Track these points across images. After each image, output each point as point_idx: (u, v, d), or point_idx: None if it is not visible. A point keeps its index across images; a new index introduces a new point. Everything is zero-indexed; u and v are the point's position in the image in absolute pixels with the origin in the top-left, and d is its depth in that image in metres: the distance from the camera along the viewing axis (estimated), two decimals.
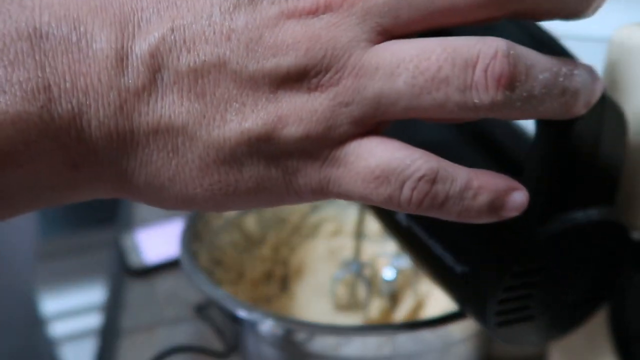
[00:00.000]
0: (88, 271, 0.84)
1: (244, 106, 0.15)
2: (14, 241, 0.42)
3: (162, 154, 0.16)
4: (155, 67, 0.15)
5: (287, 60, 0.15)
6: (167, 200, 0.17)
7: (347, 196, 0.16)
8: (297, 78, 0.15)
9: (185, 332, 0.44)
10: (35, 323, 0.47)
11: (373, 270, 0.41)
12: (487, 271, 0.21)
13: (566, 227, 0.20)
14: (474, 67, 0.15)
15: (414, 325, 0.27)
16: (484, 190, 0.16)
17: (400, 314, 0.40)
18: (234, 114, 0.15)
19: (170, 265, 0.53)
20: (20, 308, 0.43)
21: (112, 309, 0.47)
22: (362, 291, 0.41)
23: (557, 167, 0.20)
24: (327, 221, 0.47)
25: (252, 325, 0.31)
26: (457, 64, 0.15)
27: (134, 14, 0.15)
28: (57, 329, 0.87)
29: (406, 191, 0.15)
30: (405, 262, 0.41)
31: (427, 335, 0.27)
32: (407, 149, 0.16)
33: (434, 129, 0.27)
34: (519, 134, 0.25)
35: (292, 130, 0.15)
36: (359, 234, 0.38)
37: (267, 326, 0.29)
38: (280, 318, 0.28)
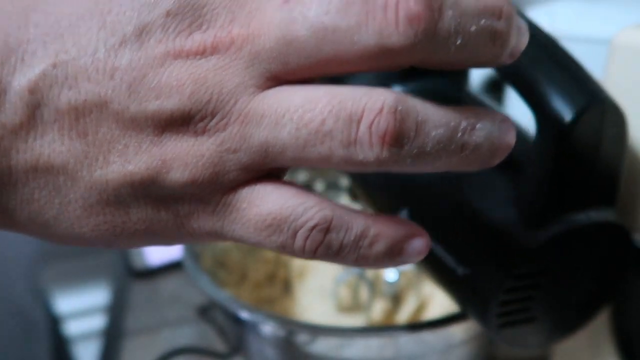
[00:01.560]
0: (92, 273, 0.85)
1: (127, 148, 0.15)
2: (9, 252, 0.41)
3: (44, 193, 0.15)
4: (35, 104, 0.15)
5: (170, 104, 0.15)
6: (55, 237, 0.17)
7: (242, 241, 0.16)
8: (182, 122, 0.15)
9: (188, 334, 0.44)
10: (33, 328, 0.47)
11: (375, 272, 0.41)
12: (488, 273, 0.21)
13: (567, 229, 0.20)
14: (359, 123, 0.14)
15: (416, 326, 0.27)
16: (381, 238, 0.15)
17: (403, 315, 0.40)
18: (116, 155, 0.15)
19: (173, 267, 0.53)
20: (15, 315, 0.43)
21: (116, 311, 0.48)
22: (364, 293, 0.41)
23: (557, 169, 0.20)
24: None
25: (255, 326, 0.31)
26: (342, 117, 0.14)
27: (20, 46, 0.15)
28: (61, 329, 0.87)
29: (299, 240, 0.15)
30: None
31: (429, 336, 0.27)
32: (302, 196, 0.15)
33: None
34: (520, 134, 0.25)
35: (177, 175, 0.15)
36: None
37: (269, 328, 0.29)
38: (282, 319, 0.28)
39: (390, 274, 0.40)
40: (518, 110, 0.30)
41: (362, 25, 0.14)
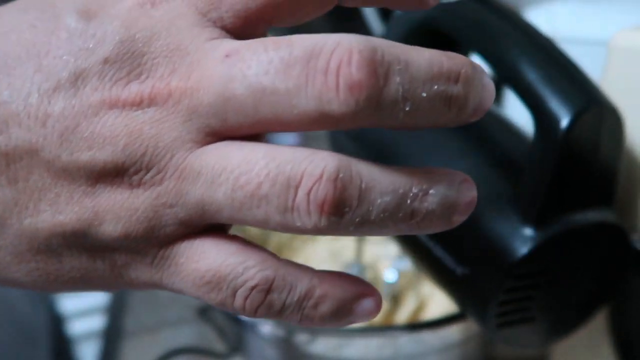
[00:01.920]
0: None
1: (59, 197, 0.15)
2: None
3: None
4: None
5: (103, 155, 0.14)
6: None
7: (183, 293, 0.16)
8: (116, 174, 0.14)
9: (188, 334, 0.44)
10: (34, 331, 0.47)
11: (375, 272, 0.41)
12: (487, 273, 0.21)
13: (565, 229, 0.21)
14: (296, 189, 0.13)
15: (415, 326, 0.27)
16: (327, 299, 0.15)
17: (402, 316, 0.40)
18: (47, 204, 0.15)
19: None
20: (14, 318, 0.43)
21: (116, 311, 0.48)
22: None
23: (556, 170, 0.20)
24: None
25: (254, 326, 0.31)
26: (279, 182, 0.13)
27: None
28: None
29: (238, 299, 0.15)
30: (407, 264, 0.41)
31: (428, 336, 0.28)
32: (243, 253, 0.15)
33: (433, 133, 0.27)
34: (519, 136, 0.26)
35: (110, 228, 0.15)
36: (360, 238, 0.39)
37: (268, 327, 0.29)
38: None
39: (389, 275, 0.41)
40: (517, 111, 0.30)
41: (301, 89, 0.13)
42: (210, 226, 0.15)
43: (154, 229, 0.15)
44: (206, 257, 0.15)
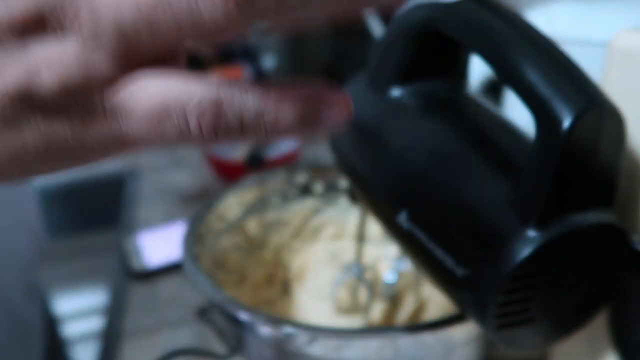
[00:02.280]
0: (90, 275, 0.85)
1: None
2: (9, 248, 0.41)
3: None
4: None
5: (19, 4, 0.15)
6: None
7: (145, 143, 0.16)
8: (38, 24, 0.15)
9: (187, 335, 0.44)
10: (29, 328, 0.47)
11: (374, 273, 0.41)
12: (487, 274, 0.21)
13: (565, 230, 0.21)
14: None
15: (416, 328, 0.27)
16: (286, 105, 0.15)
17: (402, 317, 0.40)
18: None
19: (171, 269, 0.53)
20: (9, 317, 0.43)
21: (115, 312, 0.48)
22: (363, 294, 0.41)
23: (556, 171, 0.20)
24: (328, 224, 0.48)
25: (254, 328, 0.31)
26: None
27: None
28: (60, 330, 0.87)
29: (193, 125, 0.15)
30: (407, 265, 0.41)
31: (428, 338, 0.27)
32: (184, 82, 0.15)
33: (433, 134, 0.27)
34: (519, 136, 0.26)
35: (48, 79, 0.15)
36: (361, 237, 0.39)
37: (268, 329, 0.29)
38: (282, 321, 0.28)
39: (389, 276, 0.40)
40: (517, 112, 0.30)
41: None
42: (146, 60, 0.16)
43: (89, 72, 0.15)
44: (148, 91, 0.15)
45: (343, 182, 0.47)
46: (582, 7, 0.44)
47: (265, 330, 0.30)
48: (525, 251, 0.21)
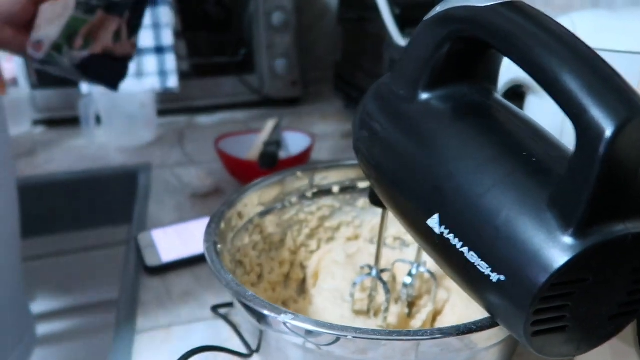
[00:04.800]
0: (103, 267, 0.84)
1: None
2: None
3: None
4: None
5: None
6: None
7: None
8: None
9: (201, 332, 0.44)
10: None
11: (392, 275, 0.41)
12: (524, 281, 0.21)
13: (605, 239, 0.21)
14: None
15: (442, 331, 0.27)
16: None
17: (418, 320, 0.40)
18: None
19: (184, 264, 0.53)
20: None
21: (128, 307, 0.47)
22: (380, 297, 0.41)
23: (597, 181, 0.20)
24: (345, 225, 0.48)
25: (278, 326, 0.31)
26: None
27: None
28: (73, 324, 0.87)
29: None
30: (424, 268, 0.41)
31: (453, 342, 0.27)
32: None
33: (466, 139, 0.27)
34: (554, 143, 0.26)
35: None
36: (380, 240, 0.39)
37: (293, 327, 0.29)
38: (308, 320, 0.28)
39: (406, 279, 0.40)
40: (540, 119, 0.30)
41: None
42: None
43: None
44: None
45: (361, 184, 0.47)
46: (604, 16, 0.44)
47: (289, 328, 0.29)
48: (563, 259, 0.21)
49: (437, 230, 0.25)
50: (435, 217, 0.25)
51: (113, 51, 0.56)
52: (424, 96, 0.29)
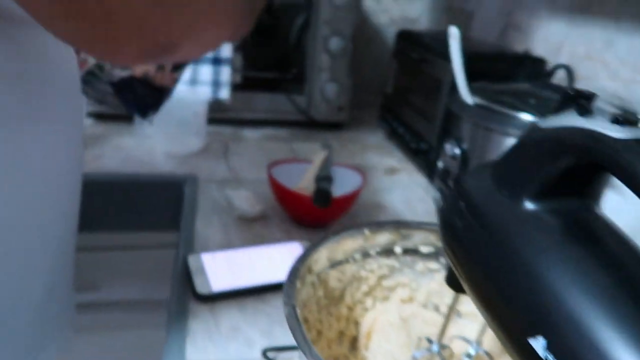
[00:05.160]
0: (143, 268, 0.85)
1: None
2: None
3: None
4: None
5: None
6: None
7: None
8: None
9: None
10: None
11: (450, 353, 0.42)
12: None
13: None
14: None
15: None
16: None
17: None
18: None
19: (233, 295, 0.53)
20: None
21: (178, 334, 0.48)
22: None
23: None
24: (401, 286, 0.48)
25: None
26: None
27: None
28: (112, 318, 0.87)
29: None
30: (482, 350, 0.41)
31: None
32: None
33: (576, 259, 0.27)
34: None
35: None
36: (448, 319, 0.39)
37: None
38: None
39: (465, 359, 0.41)
40: (618, 218, 0.30)
41: None
42: None
43: None
44: None
45: (423, 248, 0.47)
46: None
47: None
48: None
49: (540, 353, 0.25)
50: (541, 340, 0.25)
51: (153, 79, 0.57)
52: (531, 206, 0.29)
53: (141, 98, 0.56)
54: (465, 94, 0.63)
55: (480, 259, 0.31)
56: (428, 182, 0.86)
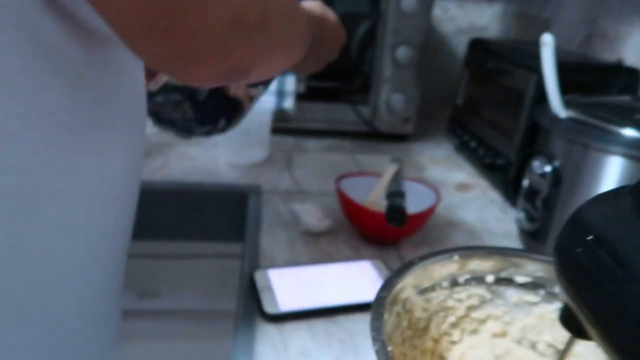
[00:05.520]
0: (205, 276, 0.84)
1: None
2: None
3: None
4: None
5: None
6: None
7: None
8: None
9: None
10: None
11: None
12: None
13: None
14: None
15: None
16: None
17: None
18: None
19: (301, 316, 0.50)
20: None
21: (244, 358, 0.45)
22: None
23: None
24: (493, 319, 0.43)
25: None
26: None
27: None
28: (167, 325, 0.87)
29: None
30: None
31: None
32: None
33: None
34: None
35: None
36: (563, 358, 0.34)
37: None
38: None
39: None
40: None
41: None
42: None
43: None
44: None
45: (519, 278, 0.42)
46: None
47: None
48: None
49: None
50: None
51: (227, 90, 0.55)
52: None
53: (214, 108, 0.55)
54: (558, 107, 0.57)
55: (619, 302, 0.26)
56: (504, 200, 0.80)
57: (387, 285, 0.36)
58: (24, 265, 0.28)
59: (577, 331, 0.31)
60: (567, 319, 0.32)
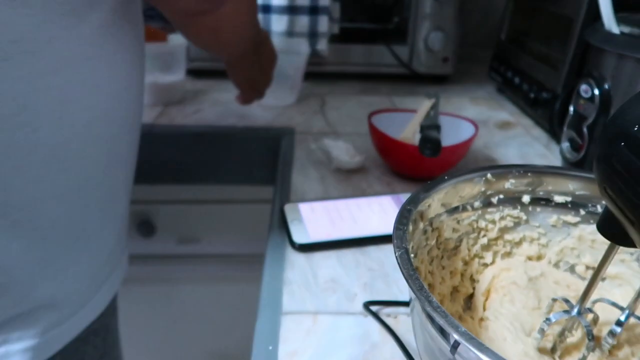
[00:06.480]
0: (239, 221, 0.85)
1: None
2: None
3: None
4: None
5: None
6: None
7: None
8: None
9: (349, 327, 0.41)
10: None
11: (594, 319, 0.34)
12: None
13: None
14: None
15: None
16: None
17: None
18: None
19: (331, 246, 0.50)
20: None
21: (275, 284, 0.46)
22: (573, 339, 0.34)
23: None
24: (528, 242, 0.41)
25: (454, 348, 0.26)
26: None
27: None
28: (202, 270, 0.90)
29: None
30: (637, 317, 0.34)
31: None
32: None
33: None
34: None
35: None
36: (596, 278, 0.32)
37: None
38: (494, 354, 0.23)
39: (616, 327, 0.33)
40: None
41: None
42: None
43: None
44: None
45: (558, 197, 0.40)
46: None
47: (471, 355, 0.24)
48: None
49: None
50: None
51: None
52: None
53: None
54: (611, 22, 0.52)
55: None
56: (549, 137, 0.75)
57: (413, 199, 0.35)
58: (65, 116, 0.34)
59: (620, 238, 0.29)
60: (607, 226, 0.29)
